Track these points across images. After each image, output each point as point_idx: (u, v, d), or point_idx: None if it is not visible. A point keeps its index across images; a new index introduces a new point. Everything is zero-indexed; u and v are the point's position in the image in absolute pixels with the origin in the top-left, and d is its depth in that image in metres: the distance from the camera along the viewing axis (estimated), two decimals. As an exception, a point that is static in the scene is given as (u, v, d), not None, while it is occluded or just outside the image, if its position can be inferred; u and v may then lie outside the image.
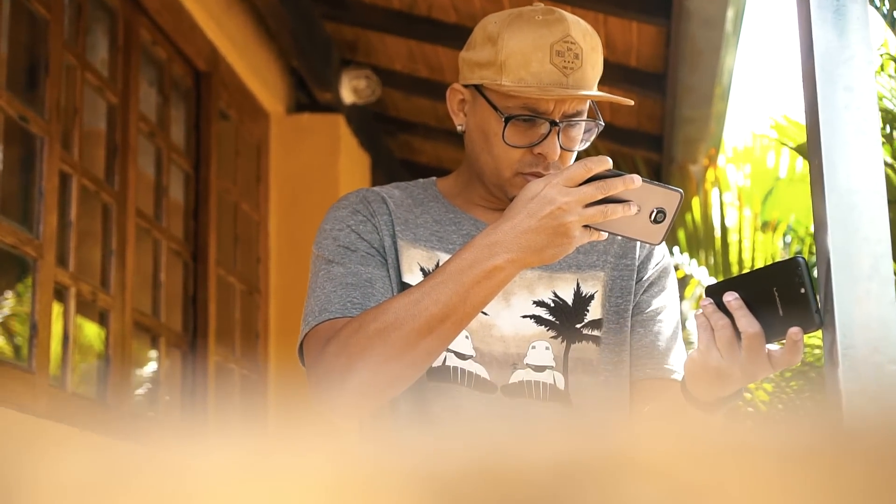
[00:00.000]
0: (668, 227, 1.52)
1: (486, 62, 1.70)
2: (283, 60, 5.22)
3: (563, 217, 1.49)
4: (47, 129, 3.28)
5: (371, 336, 1.56)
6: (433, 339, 1.56)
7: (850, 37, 1.74)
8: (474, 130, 1.74)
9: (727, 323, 1.49)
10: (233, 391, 4.69)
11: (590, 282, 1.78)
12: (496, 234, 1.53)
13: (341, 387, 1.58)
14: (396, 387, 1.61)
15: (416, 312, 1.55)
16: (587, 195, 1.49)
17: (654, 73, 4.88)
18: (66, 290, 3.40)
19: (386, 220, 1.76)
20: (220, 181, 4.64)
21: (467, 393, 1.69)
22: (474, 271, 1.53)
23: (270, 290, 5.05)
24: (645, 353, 1.78)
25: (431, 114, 5.97)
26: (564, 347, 1.73)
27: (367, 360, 1.56)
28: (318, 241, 1.77)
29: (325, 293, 1.68)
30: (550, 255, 1.52)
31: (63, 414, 3.24)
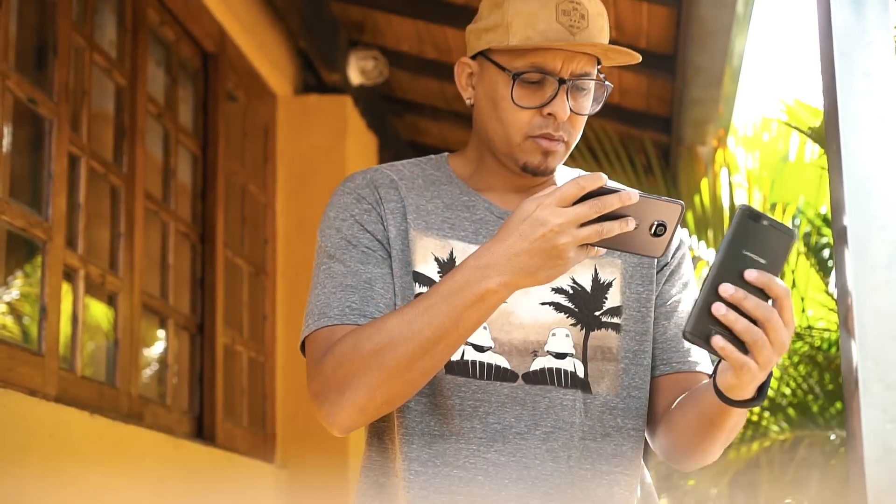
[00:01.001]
0: (669, 240, 1.48)
1: (493, 26, 1.70)
2: (291, 41, 5.20)
3: (556, 239, 1.45)
4: (56, 111, 3.27)
5: (366, 357, 1.56)
6: (428, 360, 1.55)
7: (869, 21, 1.73)
8: (483, 99, 1.73)
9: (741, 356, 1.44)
10: (241, 373, 4.69)
11: (607, 269, 1.76)
12: (489, 257, 1.50)
13: (338, 404, 1.59)
14: (394, 403, 1.61)
15: (410, 334, 1.54)
16: (581, 215, 1.45)
17: (664, 55, 4.86)
18: (74, 272, 3.39)
19: (395, 206, 1.74)
20: (228, 163, 4.63)
21: (486, 385, 1.68)
22: (466, 294, 1.51)
23: (278, 272, 5.05)
24: (670, 346, 1.77)
25: (439, 95, 5.95)
26: (584, 335, 1.72)
27: (363, 380, 1.57)
28: (321, 230, 1.76)
29: (324, 294, 1.68)
30: (544, 276, 1.49)
31: (72, 397, 3.24)
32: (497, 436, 1.66)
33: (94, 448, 3.26)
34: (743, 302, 1.42)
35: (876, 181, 1.68)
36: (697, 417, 1.64)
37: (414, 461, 1.66)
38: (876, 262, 1.66)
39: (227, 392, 4.48)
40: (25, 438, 2.90)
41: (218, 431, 4.29)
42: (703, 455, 1.70)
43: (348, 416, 1.60)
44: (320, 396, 1.61)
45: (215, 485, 4.18)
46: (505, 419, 1.67)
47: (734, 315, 1.41)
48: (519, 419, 1.67)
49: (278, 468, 4.84)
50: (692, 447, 1.70)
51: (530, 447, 1.66)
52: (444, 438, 1.67)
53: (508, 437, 1.66)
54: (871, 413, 1.62)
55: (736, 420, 1.62)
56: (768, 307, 1.43)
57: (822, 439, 5.52)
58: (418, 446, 1.67)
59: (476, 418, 1.66)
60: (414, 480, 1.66)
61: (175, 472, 3.83)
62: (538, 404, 1.68)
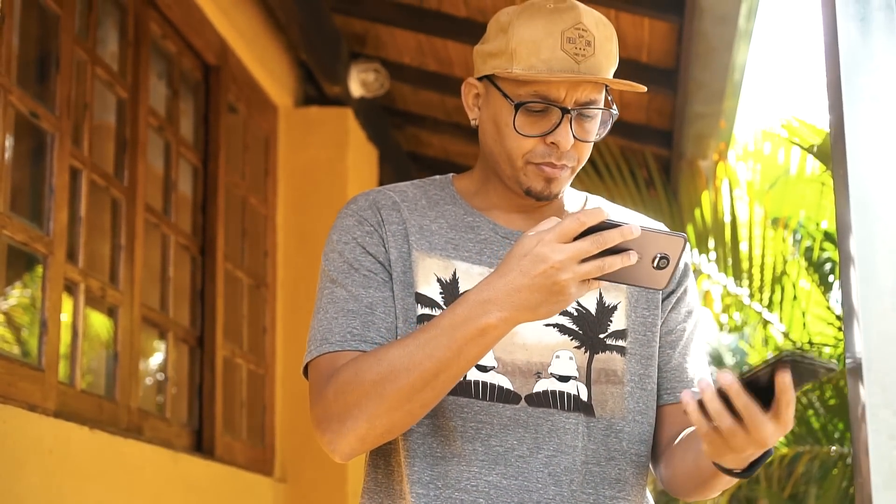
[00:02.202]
0: (672, 272, 1.47)
1: (498, 51, 1.68)
2: (292, 53, 5.20)
3: (556, 276, 1.45)
4: (58, 125, 3.26)
5: (367, 387, 1.57)
6: (428, 392, 1.56)
7: (876, 46, 1.72)
8: (487, 122, 1.72)
9: (732, 422, 1.45)
10: (240, 386, 4.68)
11: (612, 292, 1.75)
12: (489, 291, 1.50)
13: (339, 433, 1.60)
14: (395, 433, 1.61)
15: (411, 366, 1.55)
16: (582, 251, 1.44)
17: (665, 69, 4.85)
18: (75, 286, 3.38)
19: (397, 228, 1.73)
20: (229, 175, 4.62)
21: (488, 406, 1.67)
22: (467, 328, 1.51)
23: (278, 284, 5.04)
24: (674, 376, 1.77)
25: (440, 107, 5.95)
26: (588, 357, 1.71)
27: (364, 410, 1.57)
28: (325, 253, 1.76)
29: (326, 319, 1.69)
30: (545, 312, 1.49)
31: (72, 411, 3.23)
32: (499, 458, 1.65)
33: (94, 463, 3.25)
34: (734, 396, 1.43)
35: (883, 205, 1.67)
36: (695, 467, 1.65)
37: (416, 483, 1.65)
38: (883, 287, 1.65)
39: (227, 405, 4.47)
40: (25, 454, 2.89)
41: (217, 445, 4.28)
42: (701, 496, 1.71)
43: (349, 444, 1.61)
44: (322, 424, 1.62)
45: (214, 499, 4.17)
46: (507, 442, 1.66)
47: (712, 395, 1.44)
48: (521, 442, 1.66)
49: (277, 482, 4.83)
50: (690, 489, 1.71)
51: (532, 470, 1.65)
52: (445, 461, 1.66)
53: (510, 460, 1.65)
54: (879, 439, 1.61)
55: (732, 480, 1.62)
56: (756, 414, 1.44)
57: (821, 455, 5.51)
58: (420, 468, 1.66)
59: (478, 440, 1.65)
60: (416, 502, 1.65)
61: (174, 486, 3.82)
62: (540, 427, 1.67)
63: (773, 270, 5.49)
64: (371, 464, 1.75)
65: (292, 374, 4.96)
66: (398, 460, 1.69)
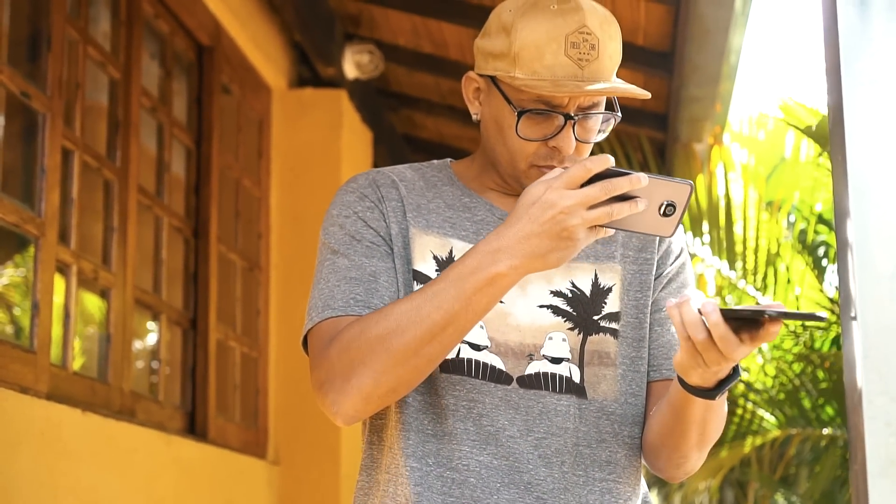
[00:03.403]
0: (679, 220, 1.48)
1: (500, 53, 1.67)
2: (286, 34, 5.17)
3: (565, 221, 1.45)
4: (49, 105, 3.24)
5: (372, 342, 1.56)
6: (435, 345, 1.55)
7: (875, 30, 1.71)
8: (489, 120, 1.72)
9: (705, 336, 1.47)
10: (233, 369, 4.67)
11: (608, 273, 1.75)
12: (499, 241, 1.50)
13: (343, 392, 1.58)
14: (399, 392, 1.60)
15: (418, 319, 1.54)
16: (590, 197, 1.45)
17: (661, 52, 4.83)
18: (67, 267, 3.36)
19: (395, 205, 1.73)
20: (222, 156, 4.60)
21: (480, 385, 1.67)
22: (476, 278, 1.51)
23: (271, 267, 5.02)
24: (662, 353, 1.76)
25: (434, 89, 5.93)
26: (581, 339, 1.70)
27: (369, 366, 1.56)
28: (324, 228, 1.75)
29: (328, 287, 1.67)
30: (555, 259, 1.49)
31: (64, 394, 3.21)
32: (490, 438, 1.65)
33: (86, 445, 3.24)
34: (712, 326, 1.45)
35: (882, 191, 1.66)
36: (667, 409, 1.64)
37: (410, 457, 1.65)
38: (881, 274, 1.65)
39: (220, 387, 4.46)
40: (17, 436, 2.88)
41: (210, 427, 4.27)
42: (678, 455, 1.69)
43: (353, 404, 1.59)
44: (325, 385, 1.60)
45: (207, 481, 4.16)
46: (498, 422, 1.66)
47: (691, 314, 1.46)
48: (512, 423, 1.66)
49: (270, 464, 4.83)
50: (666, 445, 1.69)
51: (523, 451, 1.65)
52: (437, 438, 1.66)
53: (501, 440, 1.65)
54: (875, 426, 1.61)
55: (703, 414, 1.61)
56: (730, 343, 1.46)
57: (812, 437, 5.52)
58: (414, 443, 1.66)
59: (470, 419, 1.65)
60: (410, 476, 1.65)
61: (167, 468, 3.81)
62: (532, 409, 1.67)
63: (767, 253, 5.50)
64: (368, 441, 1.75)
65: (286, 356, 4.95)
66: (393, 435, 1.68)
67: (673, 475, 1.74)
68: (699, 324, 1.46)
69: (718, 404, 1.61)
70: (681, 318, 1.47)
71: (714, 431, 1.65)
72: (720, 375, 1.53)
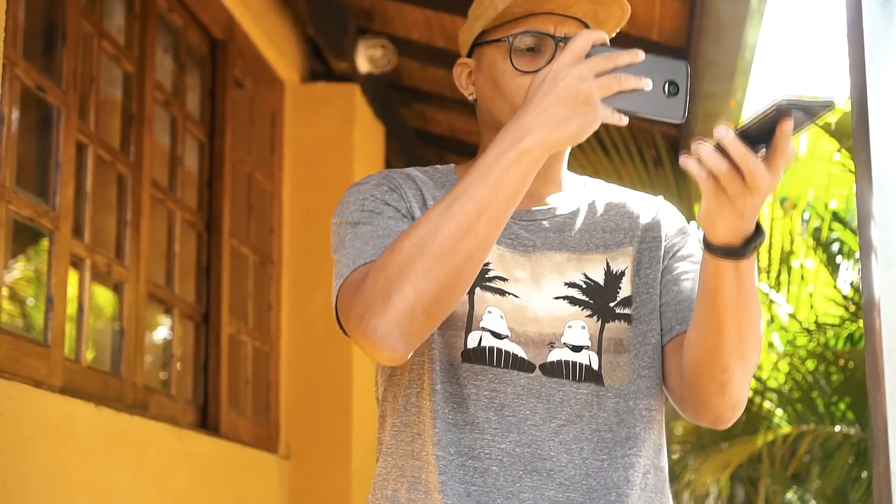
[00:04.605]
0: (685, 100, 1.49)
1: (480, 13, 1.74)
2: (299, 29, 5.16)
3: (578, 85, 1.46)
4: (64, 99, 3.23)
5: (407, 251, 1.52)
6: (471, 238, 1.51)
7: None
8: (484, 85, 1.75)
9: (728, 167, 1.44)
10: (245, 363, 4.67)
11: (619, 259, 1.77)
12: (518, 121, 1.50)
13: (384, 312, 1.52)
14: (443, 303, 1.54)
15: (449, 216, 1.51)
16: (596, 64, 1.46)
17: (676, 48, 4.81)
18: (81, 261, 3.36)
19: (415, 192, 1.75)
20: (235, 151, 4.59)
21: (502, 374, 1.68)
22: (502, 160, 1.50)
23: (283, 261, 5.02)
24: (684, 306, 1.74)
25: (447, 84, 5.91)
26: (599, 326, 1.72)
27: (408, 276, 1.51)
28: (338, 212, 1.74)
29: (355, 248, 1.65)
30: (576, 126, 1.47)
31: (77, 388, 3.21)
32: (512, 427, 1.66)
33: (99, 439, 3.24)
34: (729, 146, 1.42)
35: (906, 191, 1.65)
36: (700, 302, 1.60)
37: (436, 445, 1.66)
38: (904, 274, 1.63)
39: (232, 382, 4.46)
40: (31, 430, 2.87)
41: (222, 422, 4.27)
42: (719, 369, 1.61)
43: (397, 324, 1.52)
44: (365, 315, 1.54)
45: (219, 475, 4.16)
46: (520, 412, 1.67)
47: (707, 148, 1.44)
48: (534, 412, 1.67)
49: (282, 458, 4.82)
50: (705, 355, 1.62)
51: (545, 438, 1.66)
52: (458, 428, 1.67)
53: (524, 429, 1.66)
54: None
55: (737, 296, 1.56)
56: (751, 160, 1.43)
57: (823, 434, 5.51)
58: (440, 430, 1.66)
59: (491, 409, 1.66)
60: (437, 465, 1.66)
61: (179, 462, 3.81)
62: (553, 397, 1.68)
63: (781, 250, 5.48)
64: (391, 428, 1.74)
65: (297, 350, 4.95)
66: (424, 423, 1.68)
67: (720, 407, 1.66)
68: (716, 154, 1.44)
69: (750, 287, 1.56)
70: (697, 157, 1.45)
71: (752, 327, 1.59)
72: (746, 229, 1.50)
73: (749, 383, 1.66)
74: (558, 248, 1.75)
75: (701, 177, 1.45)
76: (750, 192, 1.45)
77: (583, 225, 1.78)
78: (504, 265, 1.72)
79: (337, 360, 4.91)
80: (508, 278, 1.71)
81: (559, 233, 1.76)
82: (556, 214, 1.78)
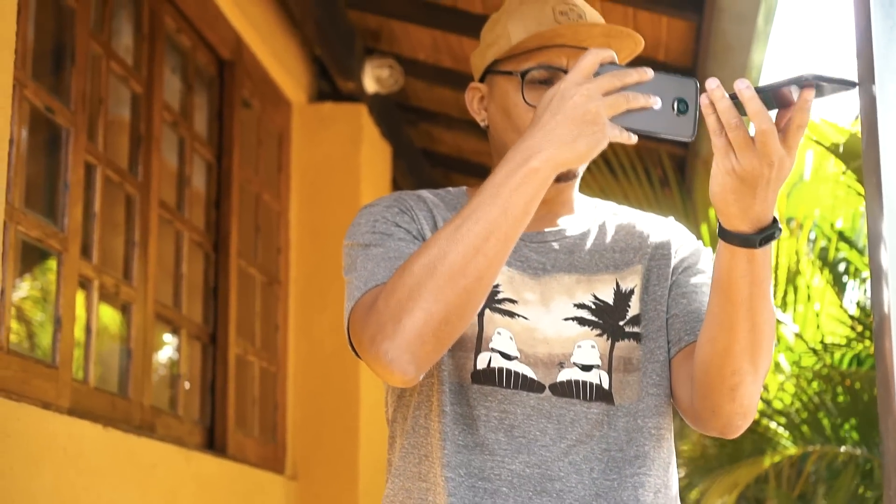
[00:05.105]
0: (695, 118, 1.47)
1: (494, 40, 1.74)
2: (307, 49, 5.18)
3: (586, 104, 1.45)
4: (73, 120, 3.24)
5: (417, 274, 1.52)
6: (480, 259, 1.50)
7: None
8: (496, 114, 1.76)
9: (740, 122, 1.44)
10: (252, 384, 4.66)
11: (628, 277, 1.76)
12: (526, 141, 1.49)
13: (395, 335, 1.52)
14: (454, 325, 1.53)
15: (458, 238, 1.50)
16: (604, 83, 1.45)
17: (682, 68, 4.82)
18: (89, 282, 3.36)
19: (426, 214, 1.75)
20: (243, 171, 4.60)
21: (512, 395, 1.67)
22: (510, 180, 1.49)
23: (290, 281, 5.02)
24: (693, 317, 1.73)
25: (454, 104, 5.92)
26: (609, 345, 1.71)
27: (418, 299, 1.51)
28: (350, 234, 1.74)
29: (367, 270, 1.65)
30: (584, 145, 1.46)
31: (85, 409, 3.21)
32: (522, 448, 1.66)
33: (107, 461, 3.23)
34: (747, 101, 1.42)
35: (917, 215, 1.64)
36: (713, 295, 1.58)
37: (446, 467, 1.65)
38: (916, 297, 1.62)
39: (239, 402, 4.45)
40: (39, 452, 2.87)
41: (229, 442, 4.26)
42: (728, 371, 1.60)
43: (408, 346, 1.52)
44: (376, 337, 1.53)
45: (226, 496, 4.15)
46: (530, 432, 1.67)
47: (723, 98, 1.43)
48: (544, 433, 1.67)
49: (288, 479, 4.81)
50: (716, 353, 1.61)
51: (554, 459, 1.66)
52: (468, 449, 1.66)
53: (534, 450, 1.66)
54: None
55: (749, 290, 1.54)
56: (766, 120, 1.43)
57: (830, 454, 5.49)
58: (450, 452, 1.66)
59: (501, 430, 1.66)
60: (446, 486, 1.65)
61: (186, 483, 3.80)
62: (563, 418, 1.68)
63: (787, 270, 5.47)
64: (401, 449, 1.74)
65: (304, 371, 4.95)
66: (433, 444, 1.68)
67: (729, 413, 1.64)
68: (732, 108, 1.43)
69: (764, 284, 1.55)
70: (713, 108, 1.44)
71: (764, 327, 1.58)
72: (759, 214, 1.50)
73: (759, 392, 1.64)
74: (568, 269, 1.75)
75: (713, 128, 1.44)
76: (760, 160, 1.44)
77: (592, 246, 1.78)
78: (514, 287, 1.72)
79: (344, 380, 4.90)
80: (518, 300, 1.71)
81: (569, 254, 1.77)
82: (566, 236, 1.79)
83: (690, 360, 1.71)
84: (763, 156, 1.44)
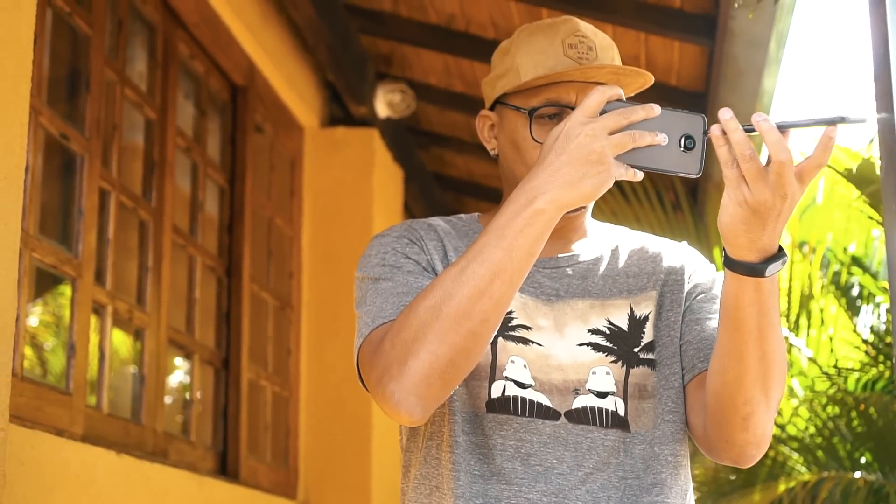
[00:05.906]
0: (701, 155, 1.47)
1: (504, 72, 1.74)
2: (319, 74, 5.19)
3: (591, 144, 1.44)
4: (87, 147, 3.25)
5: (422, 316, 1.52)
6: (485, 301, 1.50)
7: (929, 78, 1.68)
8: (506, 145, 1.76)
9: (754, 154, 1.43)
10: (265, 409, 4.65)
11: (642, 304, 1.76)
12: (531, 182, 1.49)
13: (402, 377, 1.52)
14: (460, 367, 1.54)
15: (463, 280, 1.50)
16: (610, 121, 1.45)
17: (694, 93, 4.83)
18: (102, 308, 3.36)
19: (436, 244, 1.75)
20: (255, 196, 4.61)
21: (527, 423, 1.67)
22: (515, 222, 1.49)
23: (303, 306, 5.01)
24: (706, 344, 1.73)
25: (465, 128, 5.93)
26: (624, 372, 1.71)
27: (424, 341, 1.51)
28: (361, 266, 1.74)
29: (376, 305, 1.66)
30: (589, 186, 1.46)
31: (98, 435, 3.20)
32: (539, 476, 1.65)
33: (120, 487, 3.22)
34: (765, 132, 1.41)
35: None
36: (722, 326, 1.58)
37: (459, 498, 1.64)
38: (936, 325, 1.62)
39: (251, 428, 4.45)
40: (53, 479, 2.86)
41: (241, 468, 4.25)
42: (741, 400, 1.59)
43: (414, 388, 1.52)
44: (383, 378, 1.54)
45: (238, 522, 4.14)
46: (547, 461, 1.66)
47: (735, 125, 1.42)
48: (561, 460, 1.66)
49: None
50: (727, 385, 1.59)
51: (571, 488, 1.65)
52: (485, 479, 1.65)
53: (550, 478, 1.65)
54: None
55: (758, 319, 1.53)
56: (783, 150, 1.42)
57: (844, 480, 5.45)
58: (464, 483, 1.65)
59: (517, 459, 1.65)
60: None
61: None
62: (580, 445, 1.67)
63: (800, 294, 5.45)
64: (414, 481, 1.73)
65: (316, 396, 4.94)
66: (444, 475, 1.67)
67: (742, 443, 1.63)
68: (746, 139, 1.42)
69: (772, 313, 1.54)
70: (725, 141, 1.43)
71: (775, 356, 1.57)
72: (767, 244, 1.49)
73: (773, 421, 1.63)
74: (581, 295, 1.75)
75: (725, 161, 1.43)
76: (773, 192, 1.43)
77: (606, 271, 1.78)
78: (527, 314, 1.72)
79: (356, 405, 4.89)
80: (532, 327, 1.71)
81: (582, 279, 1.76)
82: (579, 261, 1.78)
83: (703, 388, 1.70)
84: (777, 187, 1.43)
